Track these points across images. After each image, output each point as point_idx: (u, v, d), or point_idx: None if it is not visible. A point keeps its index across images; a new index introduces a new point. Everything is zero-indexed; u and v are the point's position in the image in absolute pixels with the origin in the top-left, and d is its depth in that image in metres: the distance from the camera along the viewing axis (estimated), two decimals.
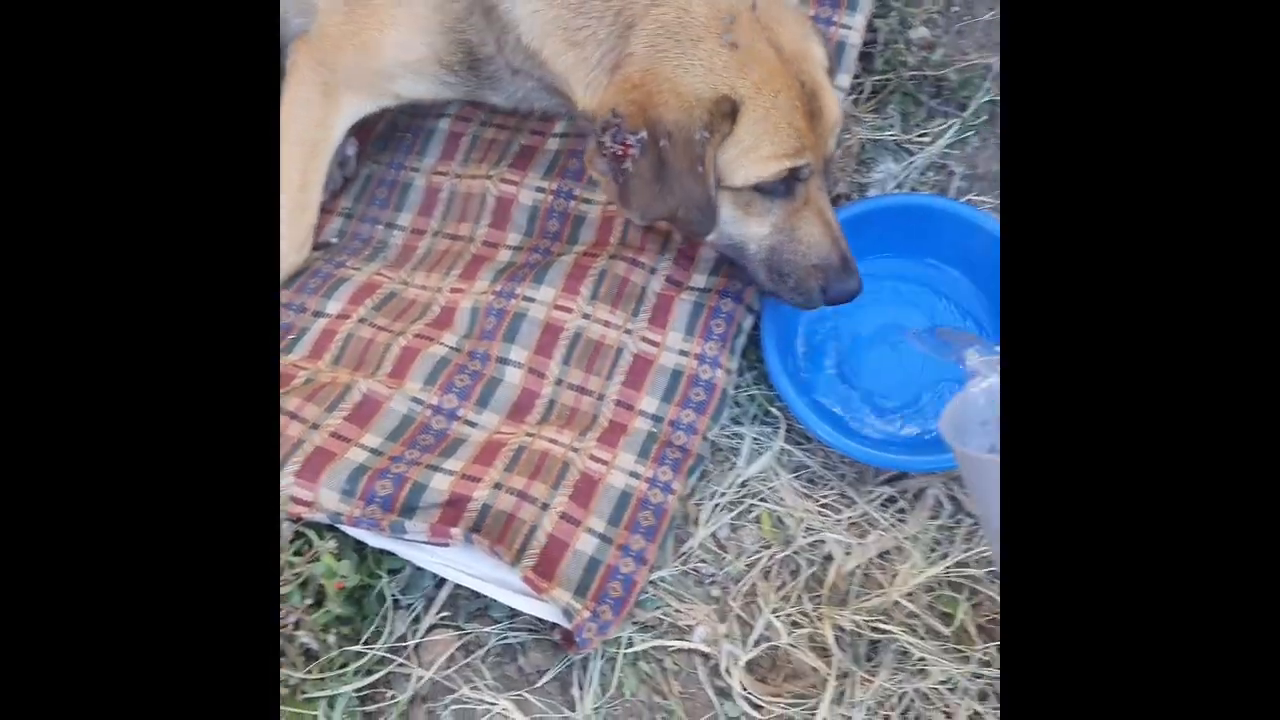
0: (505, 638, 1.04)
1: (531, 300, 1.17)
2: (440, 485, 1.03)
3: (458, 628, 1.05)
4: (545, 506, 1.03)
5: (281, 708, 0.94)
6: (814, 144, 1.03)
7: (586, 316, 1.17)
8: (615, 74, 1.02)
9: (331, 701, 0.98)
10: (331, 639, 0.97)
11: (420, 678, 1.01)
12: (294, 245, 1.22)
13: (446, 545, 1.00)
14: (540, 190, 1.29)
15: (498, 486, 1.03)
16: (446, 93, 1.21)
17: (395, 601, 1.04)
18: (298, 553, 1.00)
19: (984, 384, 0.89)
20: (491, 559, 0.99)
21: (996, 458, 0.70)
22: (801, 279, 1.07)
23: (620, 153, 0.98)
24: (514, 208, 1.28)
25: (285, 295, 1.21)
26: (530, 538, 1.00)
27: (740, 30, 1.00)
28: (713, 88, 0.98)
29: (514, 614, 1.05)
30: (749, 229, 1.07)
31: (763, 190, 1.04)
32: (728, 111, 0.98)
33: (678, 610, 1.07)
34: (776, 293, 1.11)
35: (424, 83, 1.19)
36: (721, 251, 1.15)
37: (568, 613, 0.96)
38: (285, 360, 1.16)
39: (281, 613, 0.95)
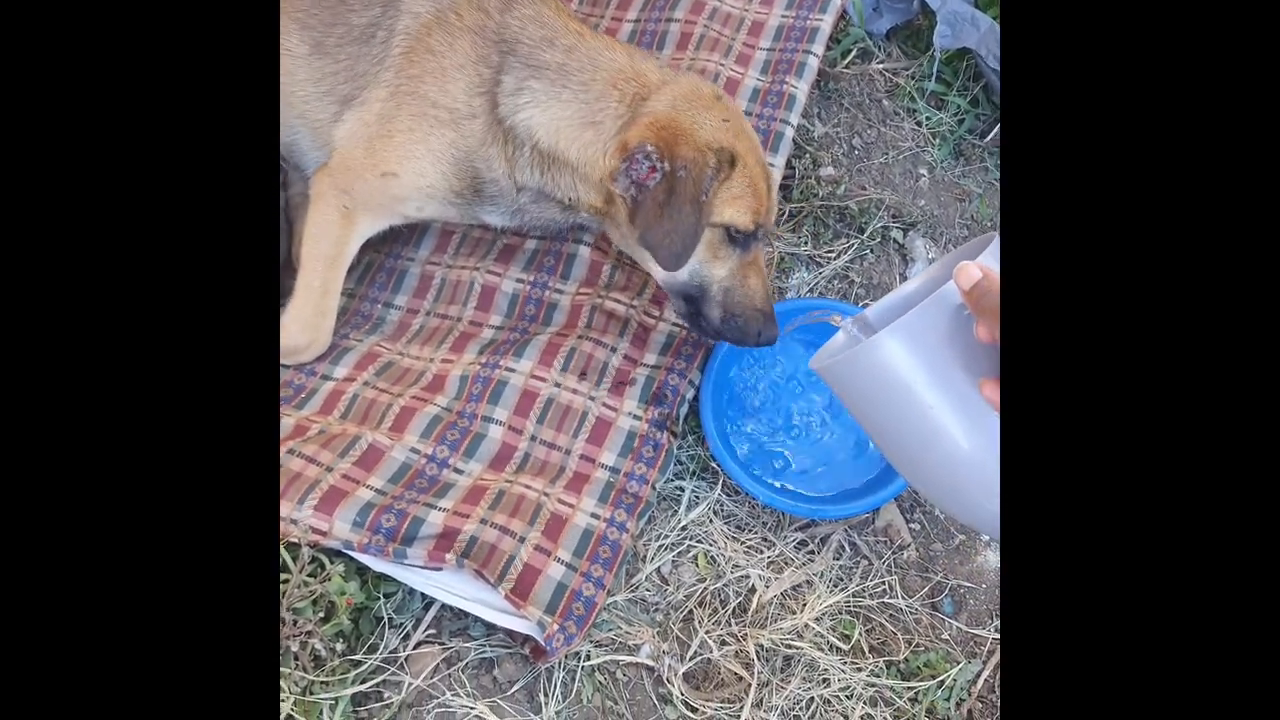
0: (483, 652, 1.23)
1: (512, 370, 1.39)
2: (435, 520, 1.22)
3: (442, 643, 1.23)
4: (522, 540, 1.23)
5: (291, 705, 1.10)
6: (767, 215, 1.29)
7: (558, 385, 1.40)
8: (633, 126, 1.22)
9: (334, 704, 1.14)
10: (338, 647, 1.14)
11: (409, 685, 1.18)
12: (318, 343, 1.39)
13: (440, 569, 1.19)
14: (520, 281, 1.54)
15: (483, 522, 1.23)
16: (451, 213, 1.41)
17: (389, 620, 1.22)
18: (312, 574, 1.17)
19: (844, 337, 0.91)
20: (477, 582, 1.19)
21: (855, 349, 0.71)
22: (748, 319, 1.29)
23: (644, 176, 1.19)
24: (497, 294, 1.52)
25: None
26: (509, 565, 1.20)
27: (730, 115, 1.27)
28: (720, 142, 1.23)
29: (490, 632, 1.24)
30: (713, 270, 1.29)
31: (731, 237, 1.27)
32: (729, 161, 1.22)
33: (627, 631, 1.27)
34: (722, 332, 1.32)
35: (432, 205, 1.38)
36: (682, 293, 1.33)
37: (541, 625, 1.16)
38: (300, 414, 1.35)
39: (298, 624, 1.13)
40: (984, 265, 0.68)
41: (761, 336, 1.31)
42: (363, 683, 1.17)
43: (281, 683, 1.09)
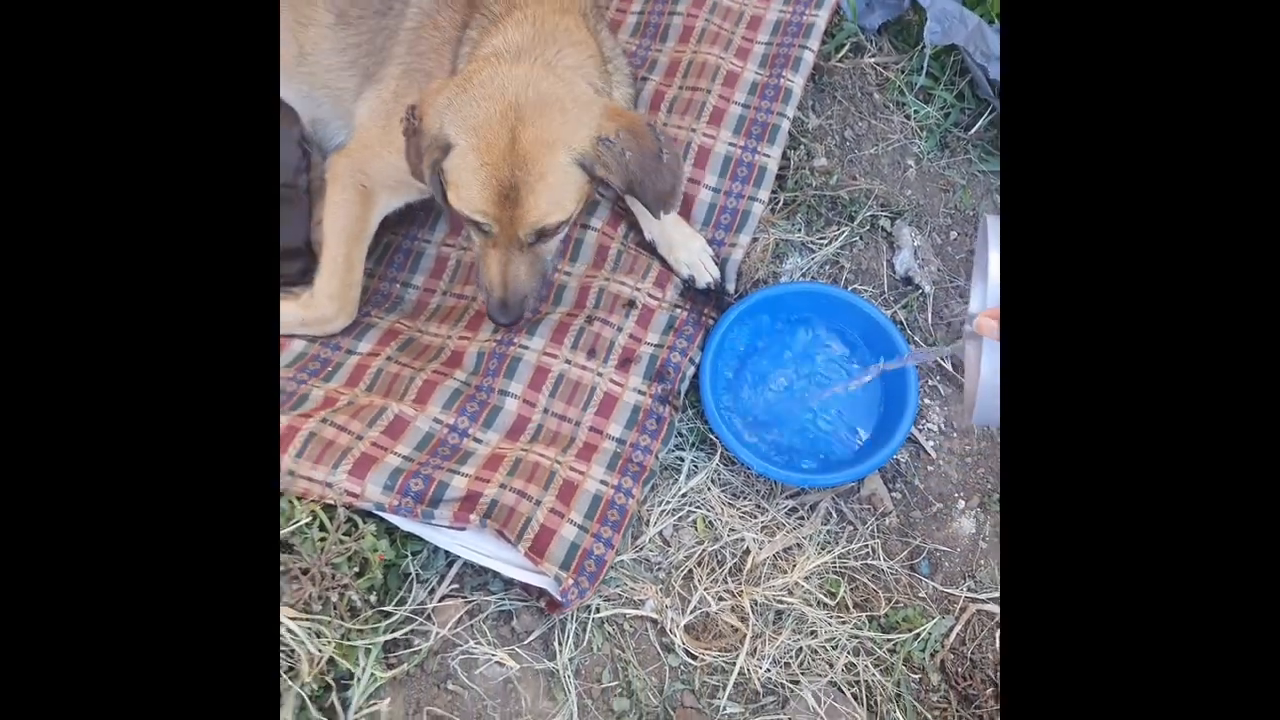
0: (502, 605, 1.34)
1: (526, 348, 1.49)
2: (458, 485, 1.33)
3: (465, 597, 1.34)
4: (538, 503, 1.34)
5: (333, 649, 1.21)
6: (501, 220, 1.23)
7: (568, 362, 1.50)
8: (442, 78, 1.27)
9: (368, 650, 1.25)
10: (371, 599, 1.25)
11: (436, 634, 1.30)
12: (346, 312, 1.47)
13: (464, 529, 1.30)
14: None
15: (502, 486, 1.34)
16: None
17: (416, 576, 1.33)
18: (347, 533, 1.28)
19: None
20: (499, 541, 1.29)
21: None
22: (485, 291, 1.33)
23: (407, 123, 1.25)
24: None
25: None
26: (527, 525, 1.31)
27: (496, 106, 1.18)
28: (451, 127, 1.19)
29: (509, 586, 1.35)
30: (470, 233, 1.32)
31: (464, 216, 1.26)
32: (444, 148, 1.21)
33: (633, 587, 1.39)
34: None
35: None
36: None
37: (557, 580, 1.27)
38: (328, 386, 1.44)
39: (335, 577, 1.23)
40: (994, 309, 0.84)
41: (491, 315, 1.35)
42: (393, 632, 1.28)
43: (323, 629, 1.19)
